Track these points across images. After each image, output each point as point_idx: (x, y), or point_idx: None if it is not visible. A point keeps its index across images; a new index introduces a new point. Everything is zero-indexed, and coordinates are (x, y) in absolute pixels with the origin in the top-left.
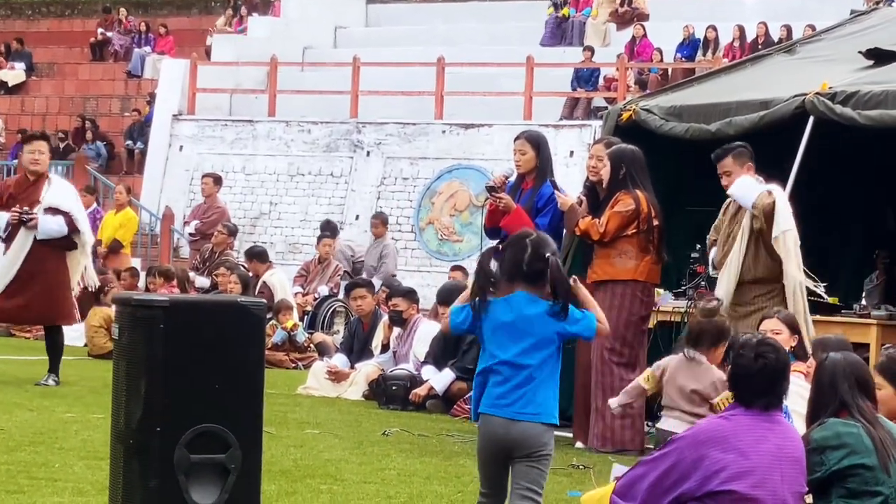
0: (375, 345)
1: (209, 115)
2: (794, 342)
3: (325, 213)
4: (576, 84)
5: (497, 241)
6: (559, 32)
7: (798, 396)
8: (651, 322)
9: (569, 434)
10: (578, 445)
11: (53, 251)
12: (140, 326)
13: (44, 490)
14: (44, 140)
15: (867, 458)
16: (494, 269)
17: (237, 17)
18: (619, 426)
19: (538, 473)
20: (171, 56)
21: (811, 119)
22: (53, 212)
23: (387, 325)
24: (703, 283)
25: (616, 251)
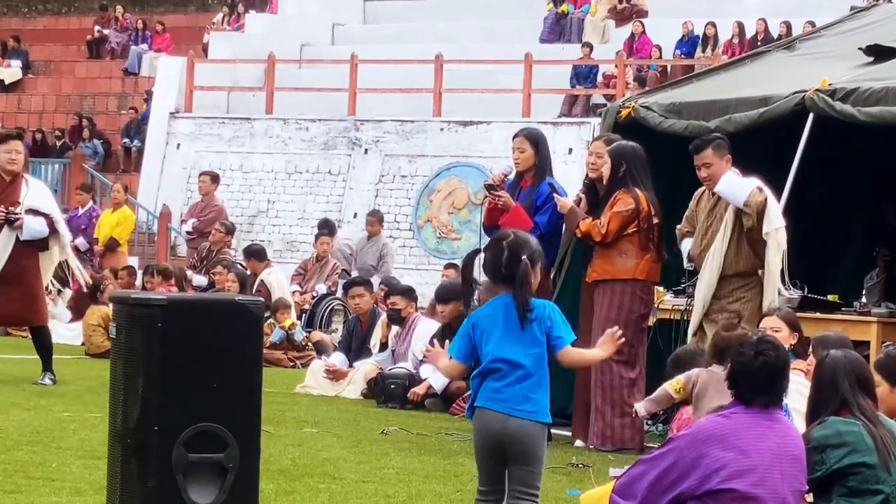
0: (374, 343)
1: (206, 113)
2: (794, 340)
3: (323, 211)
4: (575, 81)
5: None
6: (558, 29)
7: (798, 394)
8: (650, 320)
9: (568, 433)
10: (578, 444)
11: (31, 252)
12: (138, 325)
13: (41, 490)
14: (19, 139)
15: (868, 457)
16: (477, 275)
17: (234, 15)
18: (619, 425)
19: (533, 476)
20: (168, 54)
21: (811, 116)
22: (34, 213)
23: (385, 324)
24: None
25: (616, 250)
